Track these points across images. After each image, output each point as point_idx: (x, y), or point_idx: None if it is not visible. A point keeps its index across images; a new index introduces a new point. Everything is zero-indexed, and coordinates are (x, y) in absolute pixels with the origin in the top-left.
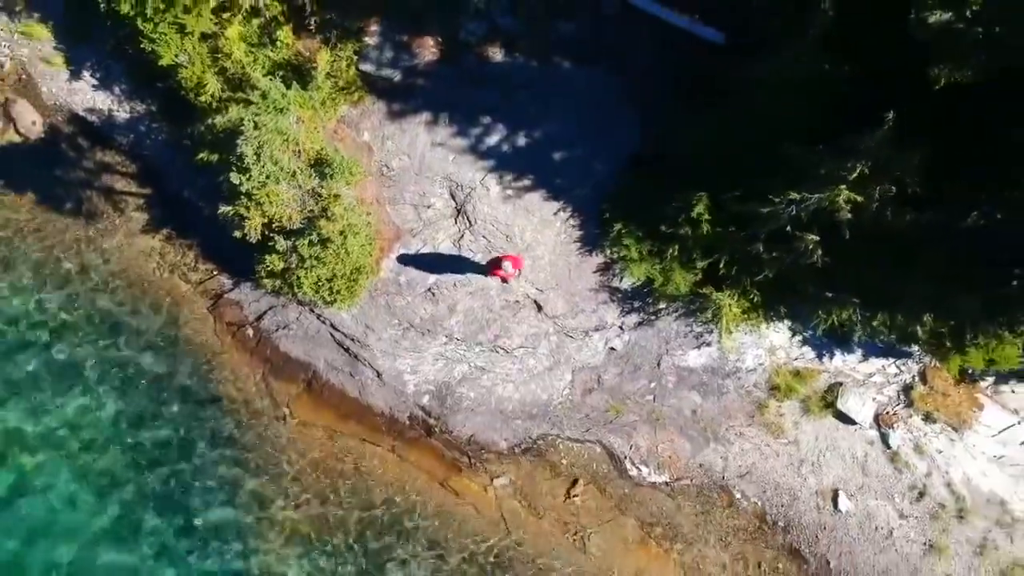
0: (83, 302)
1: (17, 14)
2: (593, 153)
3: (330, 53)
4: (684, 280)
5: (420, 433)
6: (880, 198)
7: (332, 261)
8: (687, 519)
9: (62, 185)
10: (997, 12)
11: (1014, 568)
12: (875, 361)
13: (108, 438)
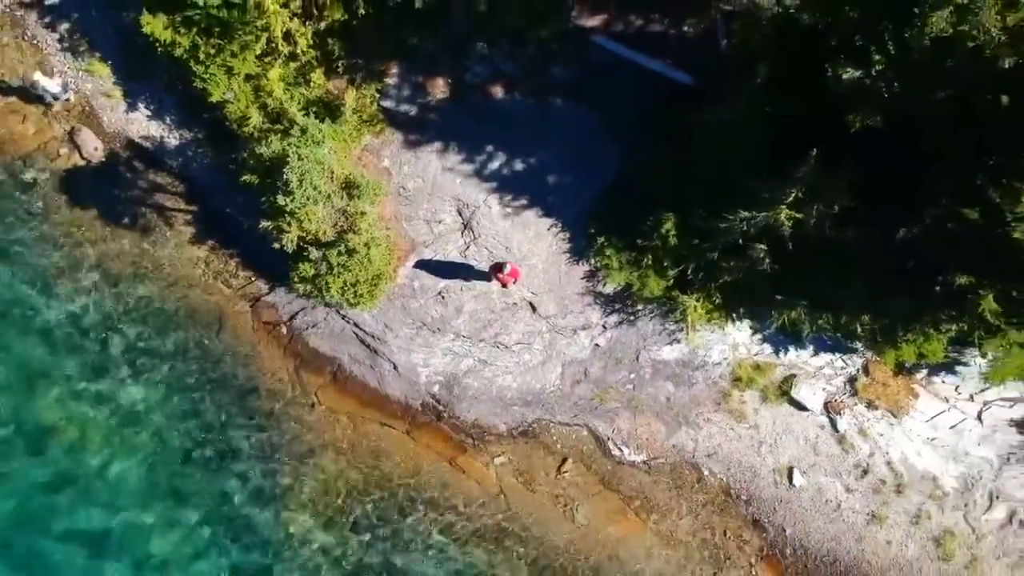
0: (137, 304)
1: (81, 53)
2: (580, 179)
3: (356, 92)
4: (658, 285)
5: (431, 418)
6: (817, 216)
7: (357, 269)
8: (662, 493)
9: (120, 202)
10: (897, 71)
11: (944, 535)
12: (824, 356)
13: (158, 422)
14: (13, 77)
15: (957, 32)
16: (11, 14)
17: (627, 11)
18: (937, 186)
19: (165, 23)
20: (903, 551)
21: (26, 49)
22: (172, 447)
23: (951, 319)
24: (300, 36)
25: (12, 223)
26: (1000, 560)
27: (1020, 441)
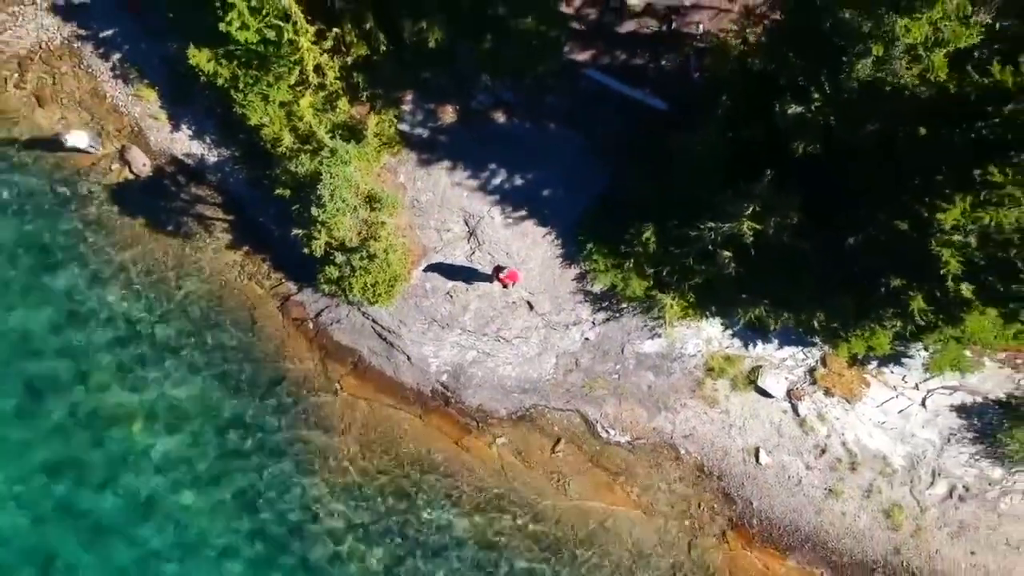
0: (181, 302)
1: (131, 80)
2: (572, 193)
3: (377, 117)
4: (639, 286)
5: (440, 403)
6: (775, 227)
7: (376, 271)
8: (644, 469)
9: (165, 212)
10: (832, 107)
11: (893, 508)
12: (787, 349)
13: (197, 407)
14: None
15: (877, 78)
16: (69, 46)
17: (613, 46)
18: (873, 203)
19: (208, 56)
20: (856, 521)
21: (80, 76)
22: (209, 429)
23: (892, 316)
24: (329, 69)
25: (69, 230)
26: (942, 530)
27: (959, 424)
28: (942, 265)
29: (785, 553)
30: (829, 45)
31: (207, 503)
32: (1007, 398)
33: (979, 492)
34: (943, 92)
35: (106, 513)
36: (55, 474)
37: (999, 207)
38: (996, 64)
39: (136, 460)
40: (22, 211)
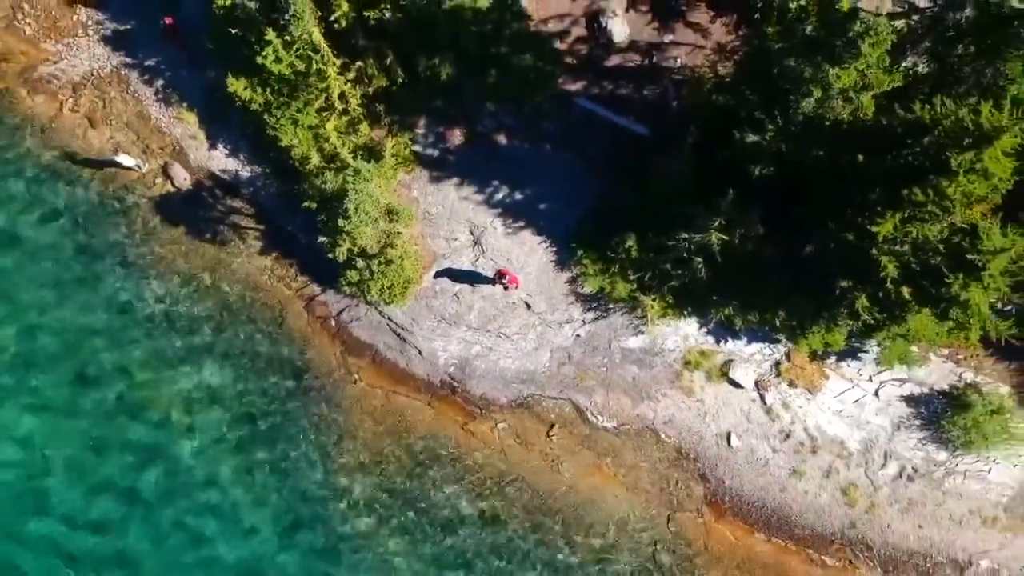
0: (216, 302)
1: (173, 104)
2: (565, 207)
3: (394, 140)
4: (624, 289)
5: (447, 392)
6: (740, 237)
7: (392, 275)
8: (628, 452)
9: (203, 221)
10: (783, 136)
11: (849, 486)
12: (755, 345)
13: (230, 394)
14: (112, 153)
15: (819, 114)
16: (118, 73)
17: (602, 78)
18: (824, 217)
19: (245, 84)
20: (817, 499)
21: (126, 100)
22: (242, 414)
23: (844, 315)
24: (352, 97)
25: (117, 237)
26: (893, 506)
27: (908, 412)
28: (881, 270)
29: (754, 527)
30: (779, 86)
31: (237, 480)
32: (950, 389)
33: (926, 473)
34: (874, 126)
35: (147, 484)
36: (103, 451)
37: (923, 222)
38: (917, 103)
39: (174, 439)
40: (75, 219)
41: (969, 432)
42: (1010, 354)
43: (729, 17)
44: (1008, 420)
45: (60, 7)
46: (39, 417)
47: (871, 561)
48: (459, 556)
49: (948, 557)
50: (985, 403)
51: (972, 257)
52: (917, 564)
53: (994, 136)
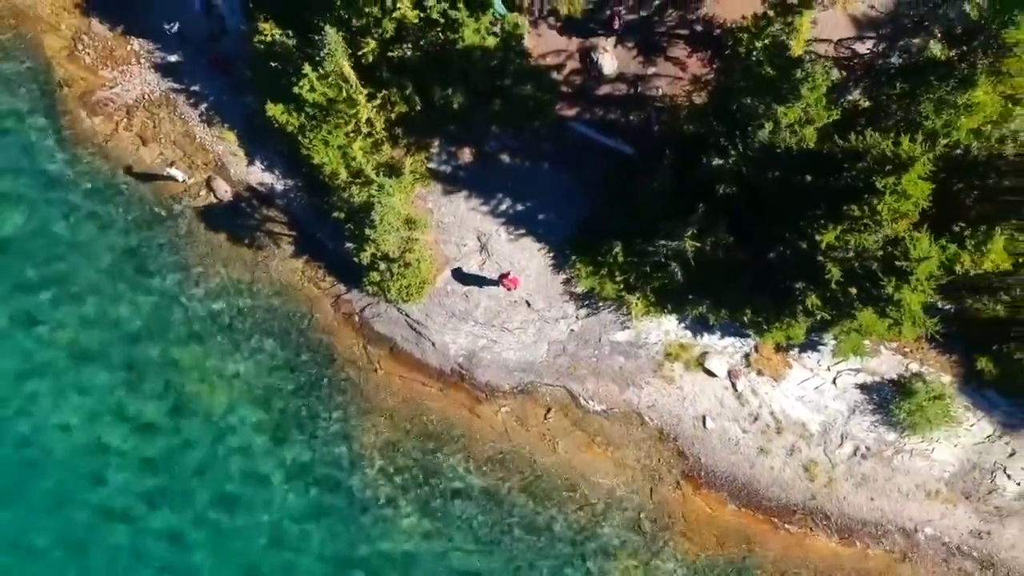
0: (253, 299)
1: (215, 125)
2: (561, 217)
3: (412, 158)
4: (612, 289)
5: (457, 379)
6: (710, 245)
7: (410, 276)
8: (616, 432)
9: (242, 229)
10: (743, 161)
11: (810, 463)
12: (728, 338)
13: (266, 382)
14: (162, 168)
15: (772, 142)
16: (167, 97)
17: (593, 105)
18: (781, 228)
19: (282, 110)
20: (782, 474)
21: (174, 120)
22: (274, 399)
23: (801, 313)
24: (376, 121)
25: (164, 243)
26: (848, 481)
27: (862, 398)
28: (827, 273)
29: (726, 498)
30: (739, 119)
31: (271, 453)
32: (898, 378)
33: (877, 451)
34: (818, 152)
35: (192, 459)
36: (152, 431)
37: (860, 233)
38: (853, 134)
39: (216, 420)
40: (128, 226)
41: (914, 416)
42: (951, 347)
43: (704, 53)
44: (949, 405)
45: (116, 38)
46: (95, 399)
47: (829, 529)
48: (466, 522)
49: (896, 526)
50: (928, 390)
51: (901, 263)
52: (869, 532)
53: (909, 164)
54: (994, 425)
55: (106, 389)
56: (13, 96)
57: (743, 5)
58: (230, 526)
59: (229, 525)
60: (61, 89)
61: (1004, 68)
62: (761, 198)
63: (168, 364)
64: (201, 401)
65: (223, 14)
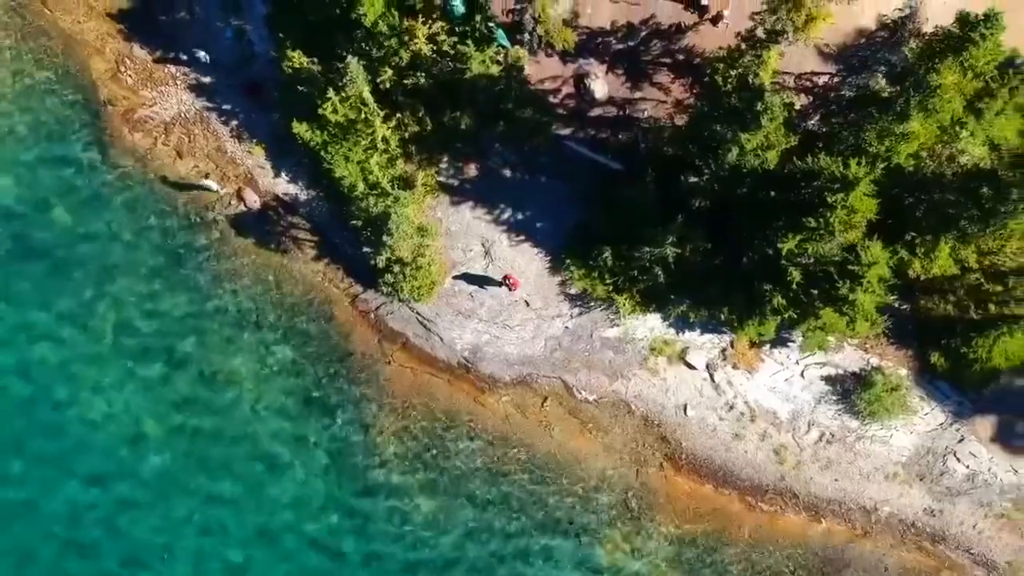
0: (278, 298)
1: (245, 140)
2: (556, 225)
3: (423, 173)
4: (603, 290)
5: (463, 371)
6: (689, 251)
7: (421, 278)
8: (606, 419)
9: (269, 235)
10: (715, 178)
11: (780, 448)
12: (707, 335)
13: (289, 372)
14: (196, 179)
15: (740, 163)
16: (200, 113)
17: (586, 125)
18: (751, 235)
19: (307, 128)
20: (755, 457)
21: (207, 136)
22: (299, 387)
23: (769, 312)
24: (392, 139)
25: (199, 247)
26: (814, 464)
27: (827, 389)
28: (789, 276)
29: (705, 479)
30: (710, 143)
31: (294, 436)
32: (859, 371)
33: (841, 437)
34: (780, 172)
35: (226, 440)
36: (185, 411)
37: (817, 241)
38: (809, 157)
39: (245, 404)
40: (165, 232)
41: (874, 405)
42: (907, 343)
43: (685, 79)
44: (905, 396)
45: (154, 62)
46: (135, 387)
47: (797, 507)
48: (471, 499)
49: (858, 504)
50: (886, 382)
51: (854, 268)
52: (834, 510)
53: (855, 183)
54: (945, 414)
55: (143, 378)
56: (63, 113)
57: (720, 37)
58: (255, 500)
59: (255, 499)
60: (105, 107)
61: (930, 105)
62: (731, 210)
63: (201, 354)
64: (231, 390)
65: (252, 40)
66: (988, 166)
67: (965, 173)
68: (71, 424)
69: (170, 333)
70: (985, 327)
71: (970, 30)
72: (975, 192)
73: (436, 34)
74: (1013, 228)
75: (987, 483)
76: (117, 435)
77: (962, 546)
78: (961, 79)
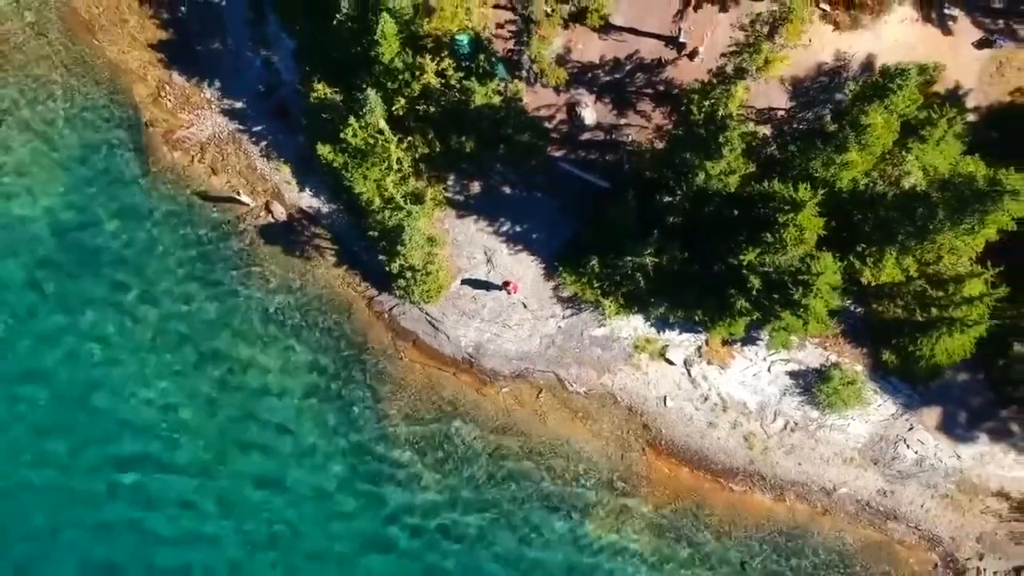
0: (303, 301)
1: (273, 159)
2: (550, 236)
3: (432, 189)
4: (591, 294)
5: (467, 366)
6: (667, 260)
7: (430, 282)
8: (594, 408)
9: (294, 244)
10: (686, 197)
11: (750, 435)
12: (684, 334)
13: (311, 366)
14: (229, 193)
15: (707, 185)
16: (233, 135)
17: (576, 147)
18: (720, 247)
19: (329, 149)
20: (727, 443)
21: (239, 155)
22: (319, 378)
23: (736, 313)
24: (404, 160)
25: (231, 254)
26: (780, 450)
27: (792, 383)
28: (750, 283)
29: (682, 462)
30: (681, 168)
31: (313, 423)
32: (820, 366)
33: (804, 426)
34: (741, 194)
35: (254, 426)
36: (215, 404)
37: (774, 253)
38: (765, 181)
39: (270, 395)
40: (200, 240)
41: (832, 397)
42: (862, 342)
43: (665, 108)
44: (860, 389)
45: (192, 87)
46: (171, 380)
47: (764, 488)
48: (473, 478)
49: (819, 486)
50: (843, 377)
51: (806, 277)
52: (797, 490)
53: (803, 205)
54: (896, 405)
55: (178, 371)
56: (110, 133)
57: (696, 71)
58: (278, 481)
59: (277, 479)
60: (147, 128)
61: (863, 141)
62: (701, 226)
63: (232, 349)
64: (257, 381)
65: (279, 70)
66: (922, 189)
67: (904, 194)
68: (115, 408)
69: (204, 329)
70: (928, 328)
71: (888, 81)
72: (912, 211)
73: (444, 70)
74: (941, 242)
75: (933, 467)
76: (156, 417)
77: (911, 523)
78: (889, 119)
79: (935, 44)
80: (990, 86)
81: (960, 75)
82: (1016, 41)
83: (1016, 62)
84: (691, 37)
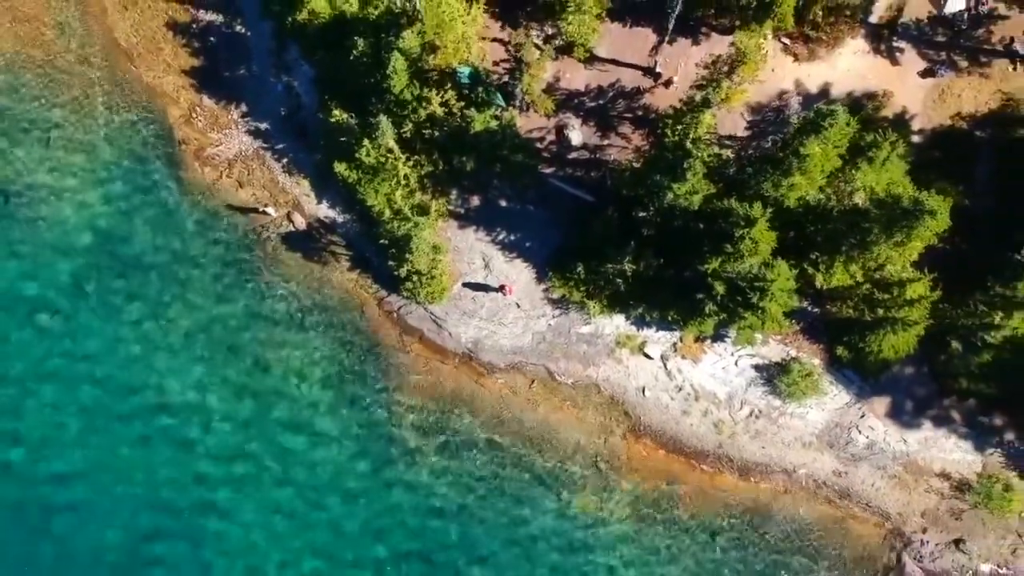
0: (320, 301)
1: (293, 174)
2: (541, 245)
3: (436, 202)
4: (578, 296)
5: (467, 359)
6: (644, 267)
7: (434, 285)
8: (580, 397)
9: (312, 250)
10: (659, 212)
11: (719, 422)
12: (661, 332)
13: (328, 363)
14: (254, 205)
15: (675, 203)
16: (257, 152)
17: (564, 165)
18: (690, 255)
19: (345, 166)
20: (699, 429)
21: (263, 170)
22: (333, 371)
23: (704, 314)
24: (412, 176)
25: (252, 261)
26: (746, 435)
27: (757, 375)
28: (714, 289)
29: (659, 446)
30: (653, 188)
31: (330, 411)
32: (781, 361)
33: (767, 413)
34: (705, 210)
35: (278, 414)
36: (243, 395)
37: (734, 262)
38: (725, 199)
39: (292, 385)
40: (227, 247)
41: (792, 388)
42: (819, 338)
43: (643, 131)
44: (817, 381)
45: (220, 109)
46: (204, 369)
47: (732, 469)
48: (472, 460)
49: (781, 467)
50: (801, 370)
51: (761, 283)
52: (761, 471)
53: (755, 221)
54: (850, 395)
55: (208, 362)
56: (145, 150)
57: (671, 98)
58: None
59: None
60: (180, 146)
61: (803, 168)
62: (672, 236)
63: (255, 346)
64: (279, 375)
65: (300, 94)
66: (864, 206)
67: (848, 210)
68: (151, 402)
69: (230, 329)
70: (876, 327)
71: (821, 120)
72: (854, 225)
73: (447, 100)
74: (878, 252)
75: (883, 451)
76: (187, 410)
77: (863, 500)
78: (826, 148)
79: (884, 73)
80: (933, 111)
81: (907, 101)
82: (956, 71)
83: (956, 89)
84: (666, 68)
